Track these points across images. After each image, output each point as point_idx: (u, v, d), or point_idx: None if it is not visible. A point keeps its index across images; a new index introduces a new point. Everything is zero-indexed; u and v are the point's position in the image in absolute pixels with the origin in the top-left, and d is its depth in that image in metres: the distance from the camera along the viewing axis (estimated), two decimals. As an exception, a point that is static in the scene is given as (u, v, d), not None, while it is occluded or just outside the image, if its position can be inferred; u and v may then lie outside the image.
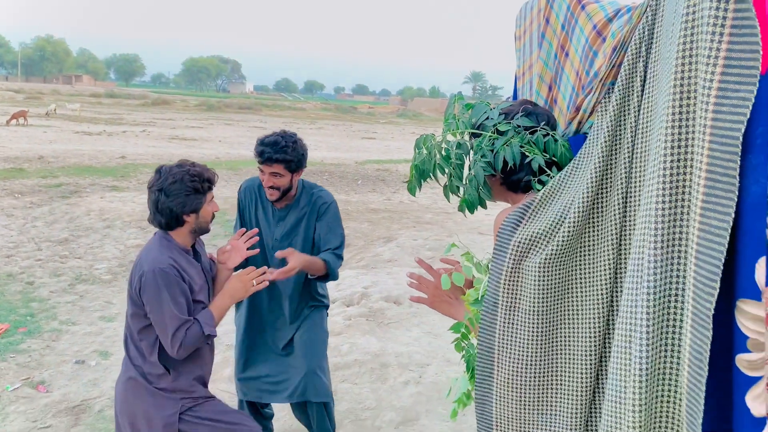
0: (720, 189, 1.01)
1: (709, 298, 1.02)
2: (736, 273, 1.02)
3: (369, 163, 20.74)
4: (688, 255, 1.11)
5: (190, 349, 2.58)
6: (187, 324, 2.56)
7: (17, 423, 3.99)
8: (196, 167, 2.63)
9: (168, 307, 2.53)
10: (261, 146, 3.18)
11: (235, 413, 2.85)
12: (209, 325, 2.61)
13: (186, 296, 2.59)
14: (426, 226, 10.85)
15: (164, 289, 2.52)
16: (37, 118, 31.56)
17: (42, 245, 8.37)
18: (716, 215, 1.02)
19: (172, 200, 2.55)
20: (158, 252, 2.60)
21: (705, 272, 1.04)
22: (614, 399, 1.23)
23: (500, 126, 1.75)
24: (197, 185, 2.58)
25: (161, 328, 2.55)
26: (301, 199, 3.38)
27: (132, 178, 14.37)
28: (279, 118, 47.99)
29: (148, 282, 2.52)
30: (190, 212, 2.60)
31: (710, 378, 1.06)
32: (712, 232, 1.02)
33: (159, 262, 2.55)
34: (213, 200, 2.70)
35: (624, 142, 1.44)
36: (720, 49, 1.00)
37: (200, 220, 2.66)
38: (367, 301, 6.52)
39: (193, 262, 2.71)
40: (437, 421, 4.09)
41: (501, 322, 1.60)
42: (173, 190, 2.55)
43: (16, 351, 5.11)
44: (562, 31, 2.01)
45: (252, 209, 3.43)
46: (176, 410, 2.64)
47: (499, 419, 1.63)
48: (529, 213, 1.60)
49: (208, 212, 2.68)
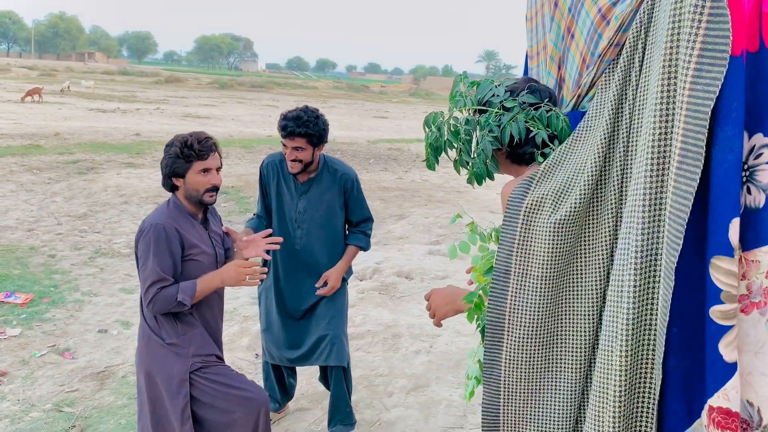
0: (690, 157, 1.15)
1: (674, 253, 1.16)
2: (711, 233, 1.16)
3: (381, 141, 20.81)
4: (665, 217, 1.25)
5: (161, 308, 2.68)
6: (164, 282, 2.68)
7: (46, 386, 4.19)
8: (193, 136, 2.75)
9: (152, 261, 2.66)
10: (284, 121, 3.30)
11: (243, 379, 2.94)
12: (185, 294, 2.69)
13: (174, 256, 2.71)
14: (438, 204, 10.97)
15: (153, 243, 2.67)
16: (51, 95, 31.79)
17: (62, 220, 8.57)
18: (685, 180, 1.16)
19: (164, 161, 2.76)
20: (162, 212, 2.78)
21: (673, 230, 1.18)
22: (606, 348, 1.37)
23: (506, 102, 1.86)
24: (181, 151, 2.71)
25: (142, 278, 2.70)
26: (323, 173, 3.49)
27: (147, 155, 14.55)
28: (291, 96, 48.03)
29: (144, 235, 2.70)
30: (175, 176, 2.75)
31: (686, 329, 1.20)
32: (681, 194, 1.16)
33: (158, 219, 2.72)
34: (210, 173, 2.77)
35: (623, 117, 1.57)
36: (698, 35, 1.13)
37: (188, 187, 2.76)
38: (379, 275, 6.68)
39: (198, 227, 2.84)
40: (447, 387, 4.25)
41: (513, 288, 1.68)
42: (166, 153, 2.76)
43: (42, 320, 5.31)
44: (569, 13, 2.11)
45: (274, 184, 3.55)
46: (187, 368, 2.77)
47: (507, 381, 1.71)
48: (535, 182, 1.72)
49: (197, 182, 2.75)
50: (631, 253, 1.28)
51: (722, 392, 1.16)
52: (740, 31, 1.10)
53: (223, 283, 2.81)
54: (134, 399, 4.06)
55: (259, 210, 3.63)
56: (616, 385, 1.36)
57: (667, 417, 1.37)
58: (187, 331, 2.81)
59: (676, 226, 1.18)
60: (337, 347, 3.51)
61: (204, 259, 2.82)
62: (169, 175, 2.76)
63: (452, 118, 1.95)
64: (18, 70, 53.49)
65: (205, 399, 2.81)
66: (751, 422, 1.26)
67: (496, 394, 1.74)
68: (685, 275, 1.25)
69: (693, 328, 1.23)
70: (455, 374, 4.46)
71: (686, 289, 1.26)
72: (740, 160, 1.11)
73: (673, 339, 1.31)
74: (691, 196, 1.15)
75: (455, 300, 1.99)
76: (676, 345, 1.31)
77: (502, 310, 1.70)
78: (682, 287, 1.27)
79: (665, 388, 1.35)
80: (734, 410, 1.18)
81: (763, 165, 1.18)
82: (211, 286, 2.79)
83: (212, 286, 2.79)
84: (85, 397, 4.09)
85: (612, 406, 1.37)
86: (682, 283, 1.26)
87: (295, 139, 3.28)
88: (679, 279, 1.25)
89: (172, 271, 2.72)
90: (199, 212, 2.87)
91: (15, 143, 14.79)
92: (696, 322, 1.24)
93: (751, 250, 1.21)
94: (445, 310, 2.01)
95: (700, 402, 1.26)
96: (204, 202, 2.81)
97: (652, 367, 1.35)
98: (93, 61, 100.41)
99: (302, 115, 3.28)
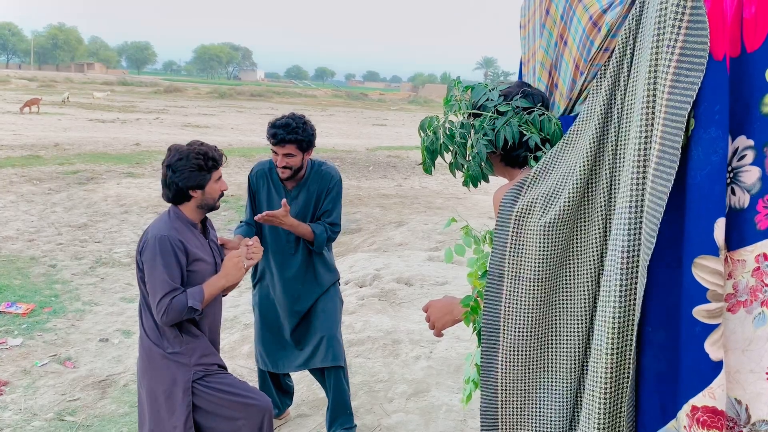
0: (667, 159, 1.18)
1: (647, 252, 1.20)
2: (693, 234, 1.19)
3: (380, 149, 20.86)
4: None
5: (174, 318, 2.69)
6: (175, 292, 2.68)
7: (48, 395, 4.21)
8: (203, 146, 2.77)
9: (160, 272, 2.67)
10: (273, 129, 3.36)
11: (246, 386, 2.95)
12: (195, 299, 2.70)
13: (181, 267, 2.73)
14: (437, 210, 11.00)
15: (160, 255, 2.67)
16: (50, 105, 31.85)
17: (62, 230, 8.60)
18: (661, 181, 1.19)
19: (178, 176, 2.71)
20: (164, 222, 2.78)
21: (648, 229, 1.21)
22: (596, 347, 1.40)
23: (500, 107, 1.90)
24: (201, 162, 2.72)
25: (152, 291, 2.70)
26: (310, 178, 3.55)
27: (147, 164, 14.59)
28: (290, 105, 48.10)
29: (148, 247, 2.70)
30: (194, 188, 2.75)
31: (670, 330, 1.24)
32: (656, 195, 1.20)
33: (161, 230, 2.72)
34: (221, 180, 2.83)
35: (612, 121, 1.60)
36: (678, 40, 1.17)
37: (206, 197, 2.79)
38: (379, 282, 6.70)
39: (199, 236, 2.85)
40: (447, 392, 4.26)
41: (506, 291, 1.71)
42: (179, 167, 2.71)
43: (43, 330, 5.33)
44: (561, 21, 2.15)
45: (264, 191, 3.59)
46: (189, 377, 2.77)
47: (504, 383, 1.74)
48: (526, 186, 1.75)
49: (215, 190, 2.80)
50: (619, 254, 1.32)
51: (708, 391, 1.19)
52: (722, 35, 1.13)
53: (227, 282, 2.83)
54: (135, 407, 4.08)
55: (248, 217, 3.67)
56: (604, 382, 1.39)
57: (641, 416, 1.40)
58: (190, 341, 2.81)
59: (651, 226, 1.22)
60: (333, 348, 3.54)
61: (205, 269, 2.83)
62: (189, 187, 2.74)
63: (447, 122, 1.98)
64: (17, 81, 53.59)
65: (209, 408, 2.81)
66: (738, 420, 1.28)
67: (493, 396, 1.76)
68: (658, 275, 1.28)
69: (666, 328, 1.26)
70: (455, 379, 4.48)
71: (660, 289, 1.30)
72: (725, 161, 1.14)
73: (647, 338, 1.34)
74: (665, 196, 1.19)
75: (453, 310, 2.03)
76: (649, 344, 1.34)
77: (497, 313, 1.73)
78: (655, 287, 1.30)
79: (639, 387, 1.38)
80: (720, 408, 1.20)
81: (747, 166, 1.22)
82: (217, 287, 2.80)
83: (218, 287, 2.81)
84: (87, 406, 4.11)
85: (598, 404, 1.40)
86: (654, 283, 1.29)
87: (285, 146, 3.34)
88: (652, 279, 1.28)
89: (180, 280, 2.73)
90: (199, 222, 2.89)
91: (15, 154, 14.83)
92: (669, 322, 1.27)
93: (737, 250, 1.25)
94: (444, 320, 2.05)
95: (673, 402, 1.29)
96: (216, 207, 2.86)
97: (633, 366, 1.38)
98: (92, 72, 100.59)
99: (291, 122, 3.35)
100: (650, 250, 1.24)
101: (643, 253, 1.27)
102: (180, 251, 2.72)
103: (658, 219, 1.22)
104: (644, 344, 1.36)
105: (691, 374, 1.21)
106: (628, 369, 1.39)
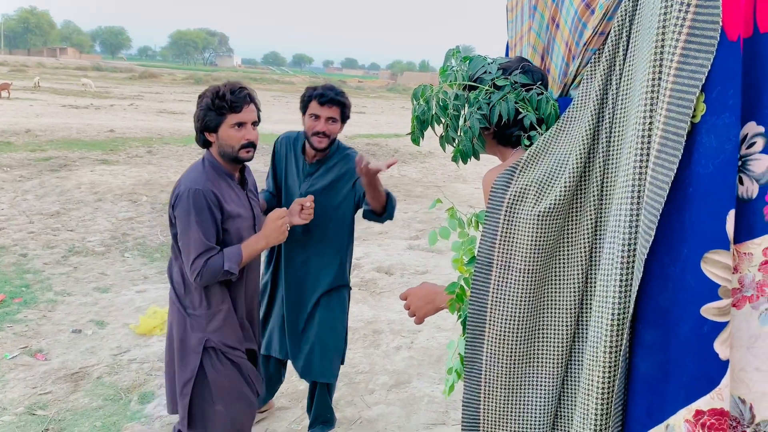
0: (670, 146, 1.11)
1: (645, 245, 1.13)
2: (704, 227, 1.12)
3: (359, 137, 20.73)
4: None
5: (208, 280, 2.52)
6: (210, 252, 2.51)
7: (18, 389, 4.08)
8: (227, 86, 2.56)
9: (195, 230, 2.49)
10: (321, 90, 3.17)
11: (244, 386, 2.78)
12: (231, 262, 2.53)
13: (216, 223, 2.54)
14: (417, 199, 10.94)
15: (194, 211, 2.48)
16: (22, 91, 31.19)
17: (33, 218, 8.39)
18: (663, 170, 1.12)
19: (196, 114, 2.57)
20: (198, 173, 2.58)
21: (647, 221, 1.14)
22: (593, 343, 1.33)
23: (498, 81, 1.80)
24: (213, 102, 2.53)
25: (185, 250, 2.52)
26: (334, 157, 3.32)
27: (121, 151, 14.32)
28: (268, 91, 47.65)
29: (182, 201, 2.50)
30: (208, 130, 2.57)
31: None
32: (657, 184, 1.12)
33: (195, 182, 2.52)
34: (244, 127, 2.58)
35: (607, 107, 1.53)
36: (686, 19, 1.09)
37: (221, 142, 2.58)
38: (359, 271, 6.62)
39: (235, 188, 2.66)
40: (428, 383, 4.21)
41: (495, 281, 1.65)
42: (199, 105, 2.57)
43: (13, 321, 5.18)
44: (553, 3, 2.07)
45: (284, 161, 3.39)
46: (201, 342, 2.60)
47: (488, 375, 1.69)
48: (518, 170, 1.68)
49: (231, 136, 2.57)
50: (619, 246, 1.24)
51: (716, 392, 1.12)
52: (737, 15, 1.05)
53: (267, 244, 2.68)
54: (109, 401, 3.97)
55: (269, 186, 3.47)
56: (602, 382, 1.33)
57: (629, 417, 1.35)
58: (213, 308, 2.63)
59: (650, 217, 1.15)
60: (330, 363, 3.39)
61: (243, 223, 2.65)
62: (202, 129, 2.56)
63: (441, 92, 1.88)
64: (-12, 65, 52.45)
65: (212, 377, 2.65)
66: (742, 420, 1.23)
67: (476, 388, 1.71)
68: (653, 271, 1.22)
69: (654, 327, 1.19)
70: (436, 370, 4.43)
71: (652, 286, 1.23)
72: (737, 150, 1.07)
73: (636, 336, 1.28)
74: (667, 186, 1.11)
75: (435, 299, 1.96)
76: (638, 343, 1.28)
77: (484, 303, 1.68)
78: (648, 284, 1.24)
79: (628, 387, 1.33)
80: (726, 409, 1.14)
81: (757, 154, 1.15)
82: (256, 249, 2.64)
83: (258, 249, 2.65)
84: (59, 400, 3.99)
85: (595, 404, 1.34)
86: (647, 279, 1.23)
87: (332, 107, 3.15)
88: (646, 275, 1.21)
89: (215, 238, 2.54)
90: (236, 171, 2.68)
91: (-15, 140, 14.48)
92: (658, 321, 1.20)
93: (744, 242, 1.18)
94: (426, 309, 1.98)
95: (660, 406, 1.23)
96: (240, 159, 2.62)
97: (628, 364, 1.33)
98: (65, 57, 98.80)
99: (335, 87, 3.22)
100: (648, 243, 1.17)
101: (641, 246, 1.20)
102: (215, 207, 2.52)
103: (658, 210, 1.15)
104: (632, 343, 1.30)
105: (696, 376, 1.14)
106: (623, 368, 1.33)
